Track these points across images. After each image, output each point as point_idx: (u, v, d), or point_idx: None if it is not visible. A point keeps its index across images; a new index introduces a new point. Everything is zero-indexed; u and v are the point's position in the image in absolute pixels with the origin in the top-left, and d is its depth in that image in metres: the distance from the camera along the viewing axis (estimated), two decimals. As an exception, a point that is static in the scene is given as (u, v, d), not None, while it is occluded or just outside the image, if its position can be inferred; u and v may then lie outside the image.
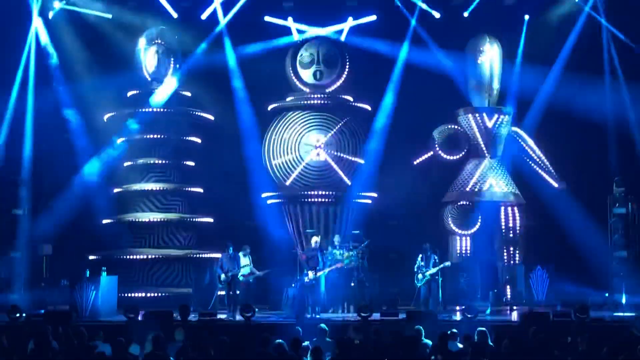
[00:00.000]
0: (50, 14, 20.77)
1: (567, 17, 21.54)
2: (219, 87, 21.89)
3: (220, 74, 21.61)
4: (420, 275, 18.16)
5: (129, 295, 19.56)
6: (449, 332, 11.81)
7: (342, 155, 21.15)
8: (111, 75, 21.12)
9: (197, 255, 20.81)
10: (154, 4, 21.08)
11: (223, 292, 18.43)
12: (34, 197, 20.93)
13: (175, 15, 21.16)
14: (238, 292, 17.95)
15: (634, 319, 15.85)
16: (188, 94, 21.95)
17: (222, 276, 17.84)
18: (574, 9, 21.45)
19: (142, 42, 21.58)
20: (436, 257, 18.38)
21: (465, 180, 21.71)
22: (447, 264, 18.77)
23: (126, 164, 21.57)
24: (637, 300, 18.73)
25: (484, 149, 21.74)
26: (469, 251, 21.46)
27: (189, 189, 21.42)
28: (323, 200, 20.97)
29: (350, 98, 21.61)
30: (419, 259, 18.27)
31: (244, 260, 18.36)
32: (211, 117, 21.99)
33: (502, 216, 21.70)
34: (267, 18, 21.27)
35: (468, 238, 21.54)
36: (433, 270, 18.13)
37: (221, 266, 17.98)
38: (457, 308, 18.19)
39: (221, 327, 15.49)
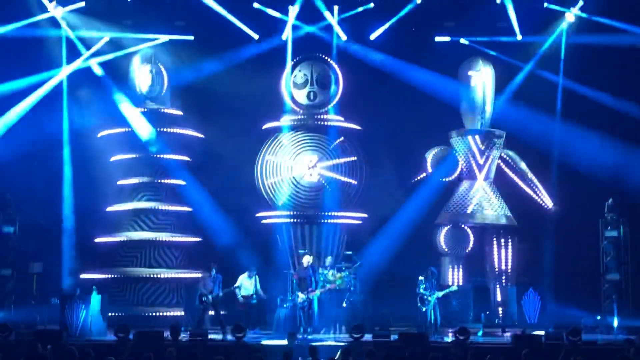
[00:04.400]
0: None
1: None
2: (212, 106, 21.93)
3: (213, 92, 21.67)
4: (430, 298, 17.97)
5: (120, 314, 19.45)
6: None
7: (334, 175, 21.15)
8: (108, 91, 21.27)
9: (188, 275, 20.70)
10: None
11: (212, 312, 18.46)
12: (24, 214, 20.89)
13: (256, 37, 21.52)
14: (223, 312, 18.03)
15: (624, 341, 15.81)
16: (180, 113, 21.92)
17: (204, 297, 17.94)
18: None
19: (136, 60, 21.59)
20: (434, 279, 18.37)
21: (458, 202, 21.74)
22: (455, 288, 18.74)
23: (118, 182, 21.49)
24: (628, 323, 18.75)
25: (477, 171, 21.80)
26: (460, 273, 21.43)
27: (180, 208, 21.35)
28: (315, 220, 20.93)
29: (343, 119, 21.64)
30: (422, 281, 18.09)
31: (248, 282, 18.56)
32: (202, 136, 21.95)
33: (494, 238, 21.72)
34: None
35: (460, 260, 21.52)
36: (440, 294, 18.06)
37: (204, 286, 18.14)
38: (450, 330, 18.12)
39: (212, 347, 15.41)
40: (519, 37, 21.55)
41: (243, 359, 11.40)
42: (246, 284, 18.83)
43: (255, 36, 21.65)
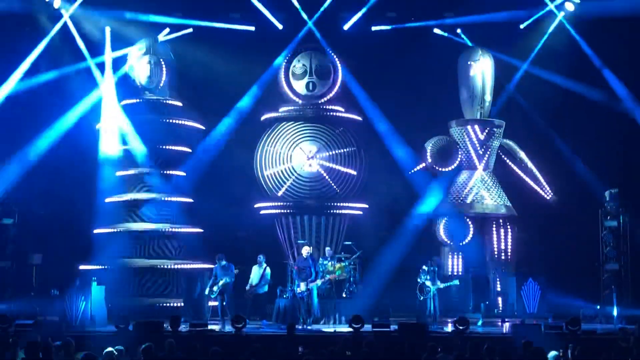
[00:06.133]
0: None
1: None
2: (211, 96, 21.91)
3: (213, 83, 21.66)
4: (430, 288, 18.00)
5: (120, 305, 19.44)
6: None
7: (334, 166, 21.14)
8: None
9: (188, 266, 20.71)
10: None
11: (215, 303, 18.45)
12: (23, 206, 20.89)
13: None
14: (225, 302, 18.07)
15: (619, 330, 15.87)
16: (179, 104, 21.88)
17: (215, 287, 17.94)
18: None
19: (134, 51, 21.52)
20: (436, 267, 18.39)
21: (458, 192, 21.73)
22: (456, 282, 18.81)
23: (118, 173, 21.47)
24: (628, 313, 18.77)
25: (476, 160, 21.78)
26: (460, 263, 21.44)
27: (180, 199, 21.33)
28: (315, 211, 20.93)
29: (342, 109, 21.62)
30: (425, 271, 18.11)
31: (256, 271, 18.58)
32: (202, 127, 21.93)
33: (494, 228, 21.72)
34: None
35: (460, 250, 21.52)
36: (441, 286, 18.05)
37: (215, 276, 18.12)
38: (449, 320, 18.14)
39: (212, 338, 15.42)
40: (522, 26, 21.54)
41: (241, 350, 11.38)
42: (254, 273, 18.86)
43: (251, 28, 21.60)
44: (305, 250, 18.56)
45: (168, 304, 20.02)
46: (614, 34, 20.46)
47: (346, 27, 21.72)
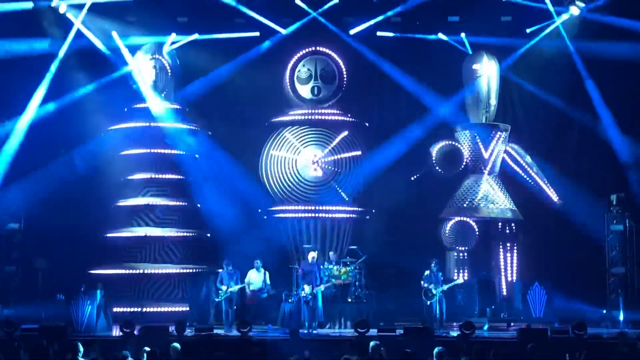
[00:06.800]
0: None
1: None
2: (216, 100, 21.96)
3: (218, 87, 21.71)
4: (433, 292, 17.96)
5: (125, 310, 19.48)
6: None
7: (339, 170, 21.14)
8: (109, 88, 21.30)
9: (193, 270, 20.72)
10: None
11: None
12: (29, 211, 20.91)
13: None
14: (235, 307, 18.07)
15: (618, 334, 15.80)
16: (183, 107, 21.90)
17: (221, 292, 17.95)
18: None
19: (139, 56, 21.56)
20: (440, 273, 18.34)
21: (463, 196, 21.70)
22: (459, 281, 18.77)
23: (122, 178, 21.50)
24: (634, 317, 18.72)
25: (482, 165, 21.75)
26: (466, 267, 21.40)
27: (185, 203, 21.34)
28: (320, 215, 20.92)
29: (347, 113, 21.61)
30: (427, 276, 18.09)
31: (256, 275, 18.54)
32: (208, 132, 21.97)
33: (500, 232, 21.67)
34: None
35: (465, 254, 21.49)
36: (445, 287, 18.01)
37: (221, 281, 18.14)
38: (455, 324, 18.11)
39: (217, 342, 15.44)
40: (528, 31, 21.52)
41: (246, 354, 11.40)
42: (254, 278, 18.82)
43: (256, 33, 21.63)
44: (311, 256, 18.55)
45: (173, 309, 20.03)
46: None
47: (352, 32, 21.72)
